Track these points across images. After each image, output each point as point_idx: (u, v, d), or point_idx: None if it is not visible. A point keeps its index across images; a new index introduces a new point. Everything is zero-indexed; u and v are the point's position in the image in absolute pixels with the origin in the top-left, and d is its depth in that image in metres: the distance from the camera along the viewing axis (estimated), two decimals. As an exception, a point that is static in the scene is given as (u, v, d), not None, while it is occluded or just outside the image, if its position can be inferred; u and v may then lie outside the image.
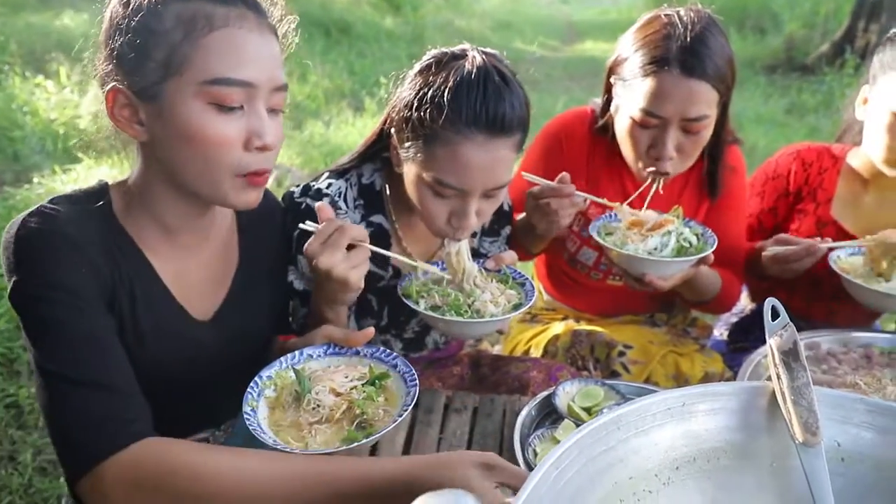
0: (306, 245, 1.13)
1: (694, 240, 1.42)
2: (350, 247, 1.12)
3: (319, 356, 1.11)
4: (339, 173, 1.40)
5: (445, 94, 1.15)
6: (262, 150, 0.98)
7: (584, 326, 1.75)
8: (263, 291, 1.24)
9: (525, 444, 1.12)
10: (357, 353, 1.11)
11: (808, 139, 5.50)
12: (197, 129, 0.94)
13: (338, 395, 1.02)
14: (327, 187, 1.35)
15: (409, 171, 1.25)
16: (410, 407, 0.99)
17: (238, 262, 1.20)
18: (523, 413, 1.19)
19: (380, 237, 1.38)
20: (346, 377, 1.05)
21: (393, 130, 1.27)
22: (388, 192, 1.40)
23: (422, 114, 1.17)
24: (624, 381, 1.38)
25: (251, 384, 1.03)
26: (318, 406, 1.00)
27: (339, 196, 1.36)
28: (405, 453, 1.16)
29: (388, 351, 1.10)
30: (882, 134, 1.48)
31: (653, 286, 1.41)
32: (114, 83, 0.94)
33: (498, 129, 1.16)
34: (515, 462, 1.07)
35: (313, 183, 1.37)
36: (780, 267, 1.52)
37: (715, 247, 1.41)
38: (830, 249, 1.52)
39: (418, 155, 1.21)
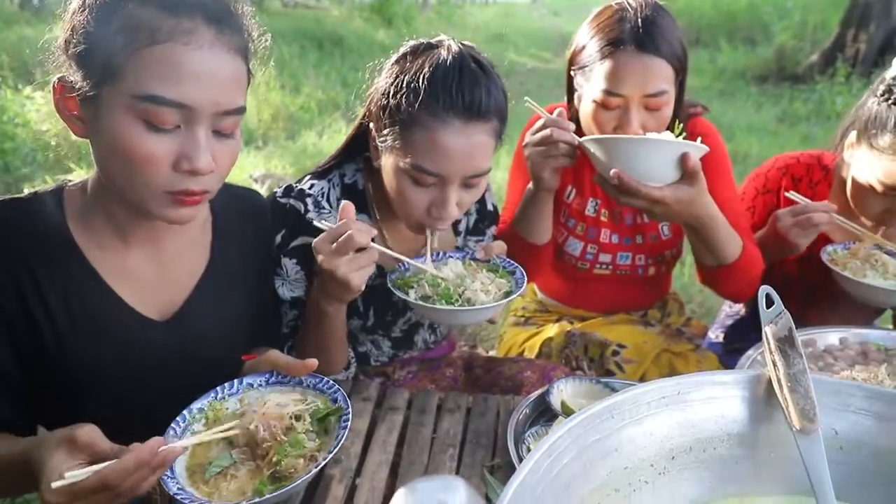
0: (314, 241, 1.12)
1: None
2: (358, 248, 1.10)
3: (260, 385, 1.06)
4: (321, 174, 1.39)
5: (422, 80, 1.15)
6: (192, 173, 0.94)
7: (577, 327, 1.74)
8: (237, 294, 1.20)
9: (519, 441, 1.10)
10: (300, 382, 1.06)
11: (801, 146, 5.57)
12: (123, 143, 0.90)
13: (272, 435, 0.95)
14: (310, 188, 1.34)
15: (388, 162, 1.24)
16: (330, 457, 0.92)
17: (208, 263, 1.17)
18: (517, 411, 1.17)
19: None
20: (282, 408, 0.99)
21: (371, 123, 1.26)
22: (370, 191, 1.39)
23: (399, 99, 1.17)
24: (618, 380, 1.36)
25: (176, 418, 0.96)
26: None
27: (323, 196, 1.34)
28: (397, 453, 1.14)
29: (331, 382, 1.05)
30: (857, 192, 1.52)
31: (628, 192, 1.27)
32: (62, 75, 0.93)
33: (475, 114, 1.16)
34: (510, 460, 1.05)
35: (296, 184, 1.36)
36: (801, 228, 1.48)
37: (703, 149, 1.26)
38: (826, 241, 1.54)
39: (396, 142, 1.20)
